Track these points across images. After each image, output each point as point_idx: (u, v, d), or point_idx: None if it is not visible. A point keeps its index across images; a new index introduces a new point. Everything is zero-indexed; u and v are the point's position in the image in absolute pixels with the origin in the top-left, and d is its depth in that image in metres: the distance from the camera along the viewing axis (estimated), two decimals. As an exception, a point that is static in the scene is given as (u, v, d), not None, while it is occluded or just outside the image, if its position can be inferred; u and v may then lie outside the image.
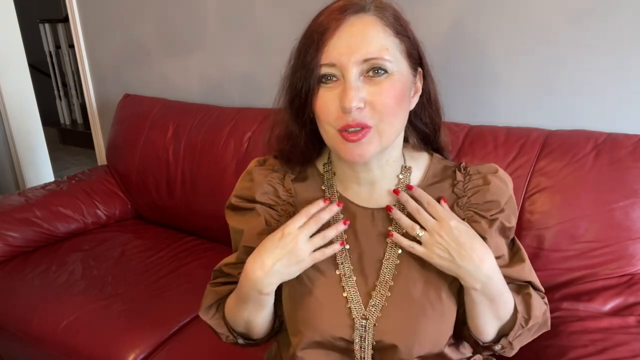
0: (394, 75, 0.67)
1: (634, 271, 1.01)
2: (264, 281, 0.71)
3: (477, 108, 1.31)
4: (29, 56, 2.60)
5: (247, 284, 0.73)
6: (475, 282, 0.70)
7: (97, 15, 2.10)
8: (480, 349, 0.79)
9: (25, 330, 1.32)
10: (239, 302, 0.78)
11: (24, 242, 1.62)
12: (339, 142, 0.68)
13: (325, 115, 0.68)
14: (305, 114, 0.70)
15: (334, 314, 0.74)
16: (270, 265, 0.70)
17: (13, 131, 2.47)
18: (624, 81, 1.12)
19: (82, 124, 4.92)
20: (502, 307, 0.74)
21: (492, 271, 0.71)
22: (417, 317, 0.72)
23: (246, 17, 1.66)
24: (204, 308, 0.85)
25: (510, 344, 0.76)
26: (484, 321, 0.74)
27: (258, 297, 0.74)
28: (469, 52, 1.28)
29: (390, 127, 0.69)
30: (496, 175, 0.77)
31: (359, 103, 0.65)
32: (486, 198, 0.75)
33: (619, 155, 1.03)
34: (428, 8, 1.30)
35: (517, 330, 0.75)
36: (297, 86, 0.69)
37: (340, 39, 0.65)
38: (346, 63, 0.65)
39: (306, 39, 0.69)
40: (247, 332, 0.82)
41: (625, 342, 0.88)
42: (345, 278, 0.75)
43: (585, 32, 1.13)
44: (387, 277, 0.74)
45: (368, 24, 0.66)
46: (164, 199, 1.74)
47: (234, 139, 1.57)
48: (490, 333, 0.76)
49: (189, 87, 1.92)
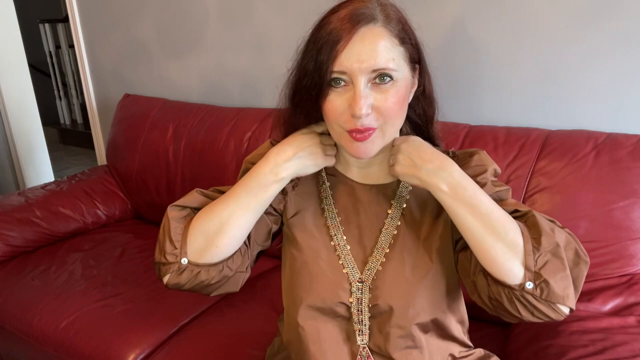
0: (398, 82, 0.72)
1: (634, 271, 1.01)
2: (285, 164, 0.76)
3: (477, 108, 1.31)
4: (29, 56, 2.60)
5: (264, 168, 0.76)
6: (440, 181, 0.70)
7: (97, 15, 2.11)
8: (519, 307, 0.68)
9: (25, 330, 1.32)
10: (230, 197, 0.76)
11: (24, 242, 1.62)
12: (347, 140, 0.74)
13: (335, 117, 0.73)
14: (314, 111, 0.76)
15: (332, 278, 0.78)
16: (293, 152, 0.76)
17: (13, 131, 2.47)
18: (624, 81, 1.12)
19: (82, 124, 4.92)
20: (495, 222, 0.68)
21: (457, 171, 0.71)
22: (411, 281, 0.76)
23: (246, 17, 1.66)
24: (176, 204, 0.80)
25: (540, 276, 0.66)
26: (487, 245, 0.68)
27: (269, 184, 0.76)
28: (469, 52, 1.28)
29: (393, 127, 0.75)
30: (481, 152, 0.82)
31: (367, 110, 0.70)
32: (472, 164, 0.79)
33: (619, 155, 1.04)
34: (428, 8, 1.30)
35: (533, 253, 0.66)
36: (308, 86, 0.74)
37: (351, 49, 0.70)
38: (357, 72, 0.70)
39: (317, 44, 0.73)
40: (205, 244, 0.75)
41: (625, 342, 0.87)
42: (340, 247, 0.80)
43: (585, 32, 1.13)
44: (383, 244, 0.79)
45: (378, 35, 0.71)
46: (164, 199, 1.74)
47: (234, 139, 1.57)
48: (509, 268, 0.67)
49: (189, 87, 1.92)
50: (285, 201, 0.84)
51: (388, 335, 0.77)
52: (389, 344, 0.77)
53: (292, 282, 0.81)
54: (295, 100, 0.78)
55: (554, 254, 0.67)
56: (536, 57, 1.20)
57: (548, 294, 0.66)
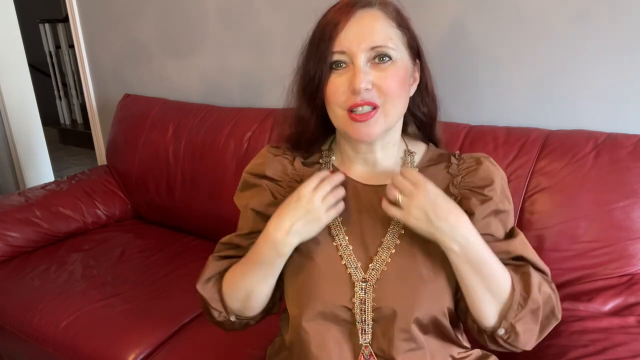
0: (397, 62, 0.75)
1: (634, 271, 1.01)
2: (284, 241, 0.75)
3: (477, 108, 1.31)
4: (29, 56, 2.60)
5: (265, 246, 0.77)
6: (452, 242, 0.72)
7: (97, 15, 2.11)
8: (486, 338, 0.78)
9: (25, 330, 1.32)
10: (247, 269, 0.81)
11: (24, 242, 1.62)
12: (348, 123, 0.75)
13: (335, 97, 0.75)
14: (317, 98, 0.77)
15: (335, 281, 0.78)
16: (289, 225, 0.75)
17: (13, 131, 2.47)
18: (624, 81, 1.12)
19: (82, 124, 4.92)
20: (493, 280, 0.73)
21: (469, 231, 0.73)
22: (416, 284, 0.76)
23: (246, 17, 1.66)
24: (202, 280, 0.85)
25: (513, 328, 0.74)
26: (478, 296, 0.74)
27: (274, 259, 0.77)
28: (469, 52, 1.28)
29: (395, 108, 0.76)
30: (488, 159, 0.83)
31: (367, 85, 0.72)
32: (479, 175, 0.80)
33: (619, 155, 1.03)
34: (428, 8, 1.30)
35: (516, 309, 0.73)
36: (311, 73, 0.76)
37: (350, 29, 0.73)
38: (355, 50, 0.73)
39: (318, 31, 0.76)
40: (243, 307, 0.83)
41: (625, 342, 0.87)
42: (342, 247, 0.79)
43: (585, 32, 1.13)
44: (389, 244, 0.78)
45: (374, 17, 0.75)
46: (164, 199, 1.74)
47: (234, 139, 1.57)
48: (489, 314, 0.75)
49: (189, 87, 1.92)
50: None
51: (392, 338, 0.76)
52: (393, 347, 0.76)
53: (294, 283, 0.81)
54: (299, 86, 0.80)
55: (533, 312, 0.75)
56: (536, 57, 1.20)
57: (514, 340, 0.75)
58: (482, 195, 0.79)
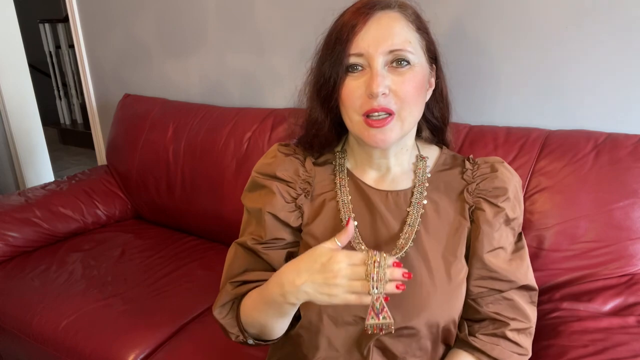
0: (415, 67, 0.72)
1: (634, 271, 1.01)
2: (293, 293, 0.68)
3: (477, 108, 1.31)
4: (29, 56, 2.60)
5: (275, 289, 0.71)
6: None
7: (97, 15, 2.10)
8: None
9: (25, 330, 1.32)
10: (260, 304, 0.76)
11: (24, 242, 1.62)
12: (363, 129, 0.73)
13: (352, 101, 0.73)
14: (332, 100, 0.75)
15: None
16: (302, 283, 0.66)
17: (13, 131, 2.47)
18: (624, 81, 1.12)
19: (82, 124, 4.92)
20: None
21: None
22: (427, 287, 0.74)
23: (246, 17, 1.66)
24: (218, 306, 0.83)
25: None
26: None
27: (283, 304, 0.71)
28: (469, 51, 1.28)
29: (411, 115, 0.74)
30: (503, 164, 0.82)
31: (384, 89, 0.70)
32: (494, 184, 0.79)
33: (619, 155, 1.03)
34: (428, 8, 1.30)
35: None
36: (326, 75, 0.74)
37: (368, 31, 0.71)
38: (373, 53, 0.70)
39: (335, 32, 0.74)
40: (260, 334, 0.81)
41: (625, 342, 0.87)
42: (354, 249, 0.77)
43: (585, 32, 1.13)
44: (402, 244, 0.77)
45: (393, 18, 0.72)
46: (164, 199, 1.74)
47: (234, 139, 1.57)
48: None
49: (189, 87, 1.92)
50: (302, 213, 0.82)
51: (400, 342, 0.75)
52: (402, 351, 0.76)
53: None
54: (314, 88, 0.78)
55: None
56: (536, 56, 1.20)
57: None
58: (496, 207, 0.78)
